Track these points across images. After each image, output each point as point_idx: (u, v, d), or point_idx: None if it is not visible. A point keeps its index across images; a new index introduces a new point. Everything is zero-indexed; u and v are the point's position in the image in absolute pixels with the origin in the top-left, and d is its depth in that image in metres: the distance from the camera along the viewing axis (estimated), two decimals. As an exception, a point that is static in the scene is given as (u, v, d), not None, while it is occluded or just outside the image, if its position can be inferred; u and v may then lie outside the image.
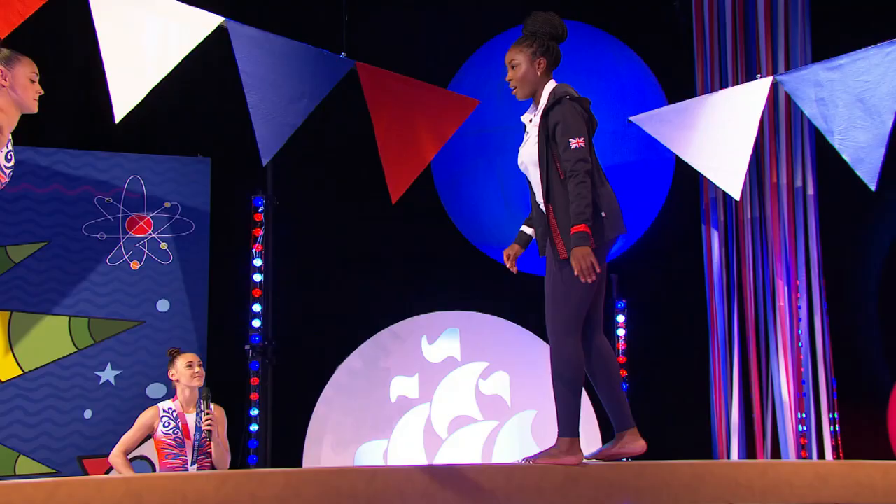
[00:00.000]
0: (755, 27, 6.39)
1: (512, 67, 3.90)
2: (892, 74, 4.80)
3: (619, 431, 3.81)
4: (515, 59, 3.89)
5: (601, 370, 3.82)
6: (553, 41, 3.90)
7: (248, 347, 6.16)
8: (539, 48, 3.86)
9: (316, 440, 6.15)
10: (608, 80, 5.96)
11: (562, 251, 3.69)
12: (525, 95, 3.92)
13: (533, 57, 3.86)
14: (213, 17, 4.93)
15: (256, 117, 4.98)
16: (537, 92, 3.89)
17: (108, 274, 6.07)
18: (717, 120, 5.43)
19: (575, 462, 3.65)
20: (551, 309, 3.75)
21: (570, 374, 3.70)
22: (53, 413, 5.90)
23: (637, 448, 3.78)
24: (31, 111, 3.72)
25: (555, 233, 3.72)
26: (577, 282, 3.65)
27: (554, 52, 3.91)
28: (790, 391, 6.12)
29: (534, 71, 3.87)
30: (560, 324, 3.72)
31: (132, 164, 6.20)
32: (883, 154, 4.77)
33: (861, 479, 3.67)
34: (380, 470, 3.91)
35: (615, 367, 3.85)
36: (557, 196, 3.71)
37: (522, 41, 3.91)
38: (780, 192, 6.29)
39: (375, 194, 5.52)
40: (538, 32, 3.89)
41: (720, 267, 6.38)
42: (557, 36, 3.91)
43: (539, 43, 3.87)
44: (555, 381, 3.74)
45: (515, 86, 3.91)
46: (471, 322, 6.43)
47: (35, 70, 3.71)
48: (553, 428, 3.50)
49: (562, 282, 3.71)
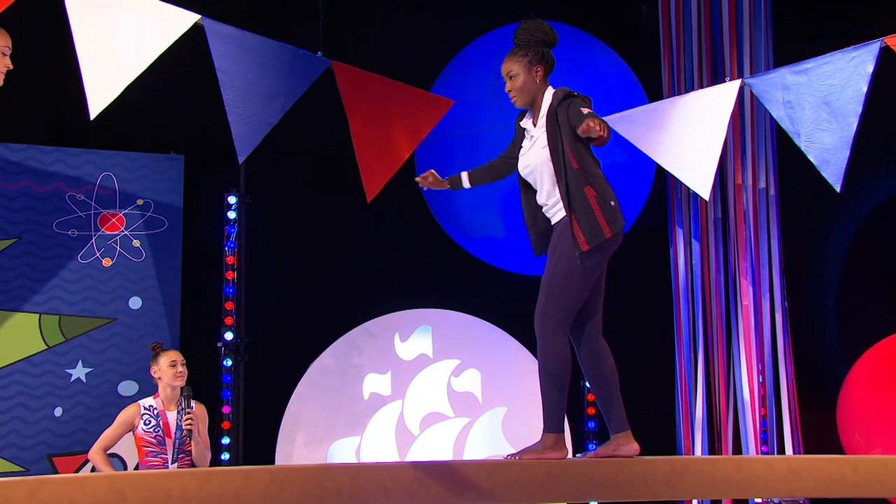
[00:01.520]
0: (720, 32, 6.52)
1: (510, 78, 3.92)
2: (857, 78, 4.90)
3: (615, 434, 3.84)
4: (513, 69, 3.91)
5: (599, 372, 3.85)
6: (546, 47, 3.94)
7: (221, 345, 6.16)
8: (534, 56, 3.90)
9: (289, 437, 6.16)
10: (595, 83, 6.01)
11: (582, 242, 3.70)
12: (525, 103, 3.95)
13: (529, 65, 3.89)
14: (190, 15, 4.92)
15: (232, 115, 4.96)
16: (537, 99, 3.92)
17: (80, 271, 6.04)
18: (687, 121, 5.51)
19: (560, 458, 3.70)
20: (547, 303, 3.76)
21: (558, 371, 3.74)
22: (23, 411, 5.86)
23: (631, 450, 3.81)
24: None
25: (573, 225, 3.73)
26: (578, 278, 3.70)
27: (549, 58, 3.94)
28: (752, 388, 6.25)
29: (532, 79, 3.90)
30: (554, 318, 3.74)
31: (104, 161, 6.17)
32: (847, 156, 4.87)
33: (832, 473, 3.76)
34: (364, 466, 3.94)
35: (613, 370, 3.87)
36: (574, 188, 3.74)
37: (517, 51, 3.93)
38: (745, 193, 6.42)
39: (349, 192, 5.55)
40: (531, 40, 3.92)
41: (685, 266, 6.50)
42: (549, 42, 3.95)
43: (534, 51, 3.90)
44: (542, 376, 3.77)
45: (515, 95, 3.94)
46: (443, 320, 6.47)
47: (8, 44, 3.60)
48: (523, 425, 3.58)
49: (564, 275, 3.73)
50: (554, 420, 3.78)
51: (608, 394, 3.87)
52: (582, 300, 3.78)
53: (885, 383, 6.06)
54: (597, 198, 3.75)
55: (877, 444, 6.03)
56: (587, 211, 3.72)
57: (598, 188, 3.77)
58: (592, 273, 3.77)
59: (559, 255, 3.78)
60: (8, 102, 3.64)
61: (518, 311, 6.31)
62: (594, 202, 3.74)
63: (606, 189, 3.80)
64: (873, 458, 3.97)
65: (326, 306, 6.58)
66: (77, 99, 4.56)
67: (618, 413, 3.87)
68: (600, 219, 3.73)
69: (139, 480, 3.35)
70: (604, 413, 3.90)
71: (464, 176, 4.17)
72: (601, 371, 3.86)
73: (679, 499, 3.88)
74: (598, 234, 3.72)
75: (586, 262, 3.73)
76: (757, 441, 6.23)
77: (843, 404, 6.32)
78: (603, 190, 3.78)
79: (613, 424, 3.86)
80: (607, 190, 3.80)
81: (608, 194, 3.79)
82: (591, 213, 3.72)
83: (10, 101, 3.69)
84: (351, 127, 5.41)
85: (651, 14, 6.85)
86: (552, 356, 3.74)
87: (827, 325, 6.97)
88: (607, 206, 3.76)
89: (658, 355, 6.61)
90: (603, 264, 3.83)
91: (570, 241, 3.74)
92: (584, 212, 3.72)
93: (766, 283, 6.36)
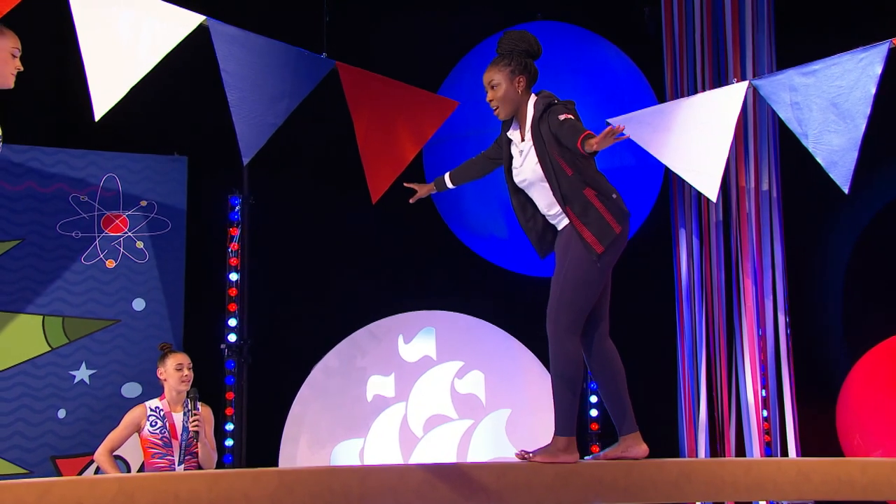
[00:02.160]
0: (723, 33, 6.52)
1: (492, 87, 3.88)
2: (865, 80, 4.89)
3: (623, 435, 3.84)
4: (495, 78, 3.87)
5: (608, 374, 3.85)
6: (529, 58, 3.90)
7: (224, 346, 6.15)
8: (517, 66, 3.86)
9: (292, 439, 6.15)
10: (604, 83, 5.99)
11: (596, 245, 3.69)
12: (508, 114, 3.92)
13: (512, 75, 3.85)
14: (195, 16, 4.90)
15: (237, 116, 4.95)
16: (520, 109, 3.89)
17: (83, 272, 6.02)
18: (695, 123, 5.49)
19: (571, 461, 3.69)
20: (560, 305, 3.74)
21: (571, 373, 3.73)
22: (26, 412, 5.84)
23: (639, 452, 3.81)
24: (7, 86, 3.58)
25: (582, 232, 3.71)
26: (593, 279, 3.70)
27: (532, 69, 3.90)
28: (756, 390, 6.25)
29: (514, 89, 3.86)
30: (566, 320, 3.73)
31: (108, 162, 6.15)
32: (856, 158, 4.86)
33: (841, 476, 3.76)
34: (372, 469, 3.93)
35: (621, 372, 3.87)
36: (573, 194, 3.73)
37: (500, 60, 3.89)
38: (748, 195, 6.42)
39: (352, 194, 5.54)
40: (514, 50, 3.88)
41: (688, 267, 6.50)
42: (533, 53, 3.91)
43: (517, 61, 3.86)
44: (555, 379, 3.76)
45: (497, 105, 3.90)
46: (447, 321, 6.46)
47: (18, 45, 3.57)
48: (527, 427, 3.56)
49: (578, 277, 3.71)
50: (566, 422, 3.77)
51: (617, 396, 3.87)
52: (594, 300, 3.78)
53: (885, 385, 6.05)
54: (598, 196, 3.74)
55: (878, 446, 6.01)
56: (592, 212, 3.72)
57: (596, 186, 3.76)
58: (606, 271, 3.77)
59: (571, 258, 3.76)
60: (11, 103, 3.62)
61: (523, 313, 6.32)
62: (596, 201, 3.74)
63: (604, 184, 3.79)
64: (883, 461, 3.96)
65: (330, 308, 6.57)
66: (80, 100, 4.54)
67: (626, 414, 3.87)
68: (607, 216, 3.73)
69: (148, 482, 3.35)
70: (613, 415, 3.90)
71: (446, 177, 4.22)
72: (610, 374, 3.86)
73: (688, 501, 3.87)
74: (609, 232, 3.71)
75: (602, 261, 3.72)
76: (760, 443, 6.22)
77: (843, 406, 6.31)
78: (601, 186, 3.77)
79: (622, 426, 3.86)
80: (605, 185, 3.79)
81: (607, 189, 3.78)
82: (597, 213, 3.72)
83: (14, 102, 3.67)
84: (356, 128, 5.40)
85: (654, 15, 6.85)
86: (564, 358, 3.74)
87: (830, 326, 6.97)
88: (610, 201, 3.75)
89: (661, 357, 6.60)
90: (614, 261, 3.81)
91: (581, 245, 3.72)
92: (589, 214, 3.72)
93: (769, 285, 6.36)
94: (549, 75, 4.04)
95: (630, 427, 3.84)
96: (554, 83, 4.06)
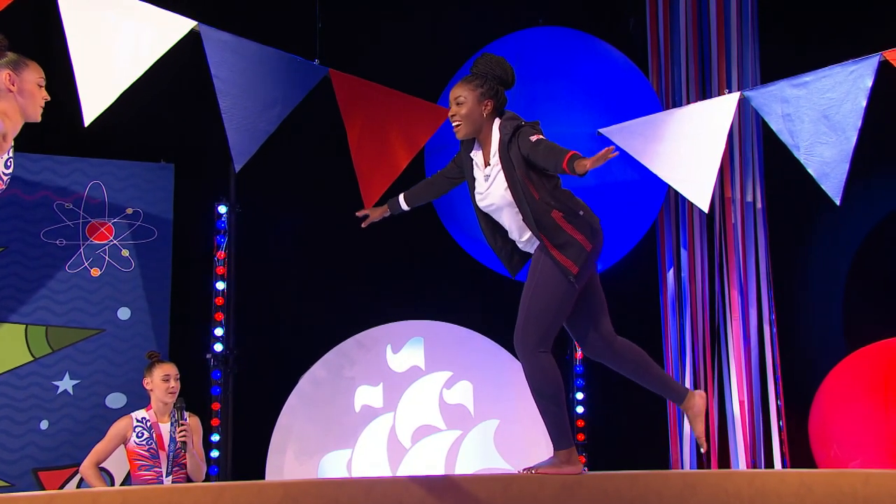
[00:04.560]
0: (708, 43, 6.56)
1: (458, 104, 3.82)
2: (856, 92, 4.94)
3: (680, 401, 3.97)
4: (462, 95, 3.81)
5: (635, 362, 3.90)
6: (502, 86, 3.84)
7: (210, 356, 6.09)
8: (488, 90, 3.80)
9: (279, 450, 6.08)
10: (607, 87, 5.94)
11: (572, 267, 3.65)
12: (466, 134, 3.85)
13: (481, 98, 3.79)
14: (186, 21, 4.86)
15: (229, 123, 4.91)
16: (482, 131, 3.83)
17: (68, 281, 5.93)
18: (686, 133, 5.52)
19: (575, 472, 3.68)
20: (528, 324, 3.69)
21: (551, 389, 3.71)
22: (8, 424, 5.72)
23: (700, 405, 3.93)
24: (34, 119, 3.52)
25: (556, 255, 3.67)
26: (566, 296, 3.67)
27: (501, 97, 3.84)
28: (742, 400, 6.27)
29: (479, 111, 3.80)
30: (536, 338, 3.68)
31: (93, 170, 6.06)
32: (847, 169, 4.91)
33: (843, 488, 3.77)
34: (378, 481, 3.90)
35: (641, 354, 3.92)
36: (543, 217, 3.68)
37: (471, 80, 3.83)
38: (733, 206, 6.45)
39: (340, 202, 5.46)
40: (488, 74, 3.82)
41: (674, 278, 6.52)
42: (507, 82, 3.86)
43: (488, 85, 3.80)
44: (536, 398, 3.74)
45: (459, 122, 3.82)
46: (435, 332, 6.42)
47: (42, 75, 3.53)
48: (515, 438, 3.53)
49: (550, 296, 3.67)
50: (561, 435, 3.76)
51: (649, 375, 3.92)
52: (565, 317, 3.76)
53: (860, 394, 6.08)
54: (565, 217, 3.70)
55: (855, 456, 6.04)
56: (562, 234, 3.67)
57: (562, 207, 3.71)
58: (578, 285, 3.73)
59: (541, 272, 3.71)
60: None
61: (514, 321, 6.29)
62: (564, 223, 3.69)
63: (570, 203, 3.74)
64: (885, 473, 3.98)
65: (318, 318, 6.51)
66: (66, 106, 4.47)
67: (670, 385, 3.99)
68: (577, 236, 3.68)
69: (151, 495, 3.30)
70: (660, 392, 4.02)
71: (401, 198, 4.15)
72: (635, 361, 3.90)
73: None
74: (581, 252, 3.68)
75: (578, 280, 3.70)
76: (747, 454, 6.24)
77: (816, 417, 6.32)
78: (568, 206, 3.72)
79: (675, 396, 4.00)
80: (571, 204, 3.74)
81: (573, 208, 3.73)
82: (567, 235, 3.67)
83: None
84: (349, 136, 5.39)
85: (639, 27, 6.88)
86: (541, 375, 3.70)
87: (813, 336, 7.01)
88: (578, 219, 3.71)
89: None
90: (587, 273, 3.76)
91: (553, 265, 3.68)
92: (560, 237, 3.67)
93: (754, 296, 6.40)
94: (550, 80, 4.03)
95: (683, 392, 3.98)
96: (555, 88, 4.05)
